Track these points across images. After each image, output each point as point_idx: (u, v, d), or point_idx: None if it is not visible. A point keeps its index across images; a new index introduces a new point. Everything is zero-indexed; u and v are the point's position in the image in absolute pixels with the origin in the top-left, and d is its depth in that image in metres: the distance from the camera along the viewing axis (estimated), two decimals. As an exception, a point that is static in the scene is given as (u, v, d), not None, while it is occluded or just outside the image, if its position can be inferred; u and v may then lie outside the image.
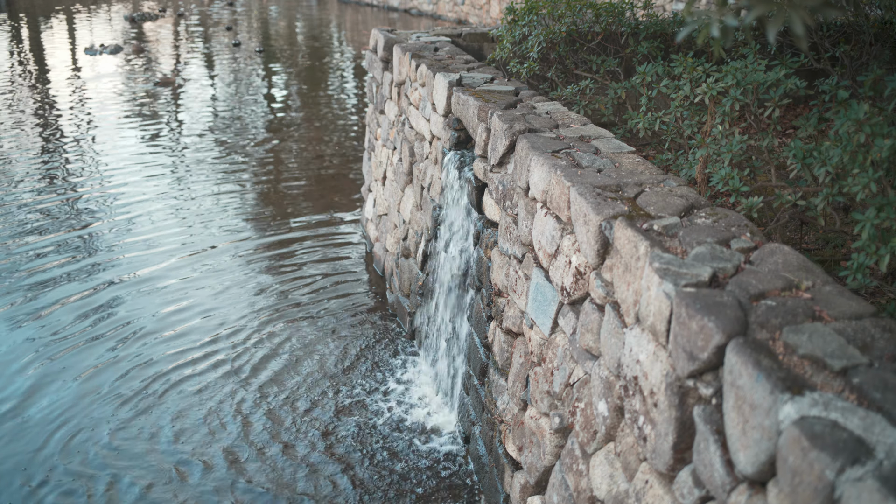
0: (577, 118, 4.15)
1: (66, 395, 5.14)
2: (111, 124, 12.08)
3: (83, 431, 4.80)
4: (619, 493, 2.70)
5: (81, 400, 5.10)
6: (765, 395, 1.81)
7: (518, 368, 3.89)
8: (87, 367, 5.46)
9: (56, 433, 4.77)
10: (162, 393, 5.22)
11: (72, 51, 19.10)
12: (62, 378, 5.32)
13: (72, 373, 5.39)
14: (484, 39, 6.70)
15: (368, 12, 28.21)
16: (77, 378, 5.33)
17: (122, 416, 4.97)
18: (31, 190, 9.03)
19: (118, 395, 5.17)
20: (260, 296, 6.61)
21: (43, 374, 5.36)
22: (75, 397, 5.13)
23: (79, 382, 5.28)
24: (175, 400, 5.15)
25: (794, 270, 2.29)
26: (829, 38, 4.69)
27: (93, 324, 6.03)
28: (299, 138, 11.70)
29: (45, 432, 4.78)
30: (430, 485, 4.41)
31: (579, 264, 3.11)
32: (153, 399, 5.15)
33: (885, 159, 2.44)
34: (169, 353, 5.69)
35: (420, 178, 5.70)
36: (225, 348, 5.79)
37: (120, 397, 5.16)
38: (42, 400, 5.09)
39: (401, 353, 5.76)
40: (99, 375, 5.38)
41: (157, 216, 8.31)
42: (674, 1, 14.37)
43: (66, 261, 7.10)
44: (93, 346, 5.74)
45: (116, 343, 5.79)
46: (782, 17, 1.61)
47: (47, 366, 5.47)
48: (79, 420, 4.90)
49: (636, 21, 5.19)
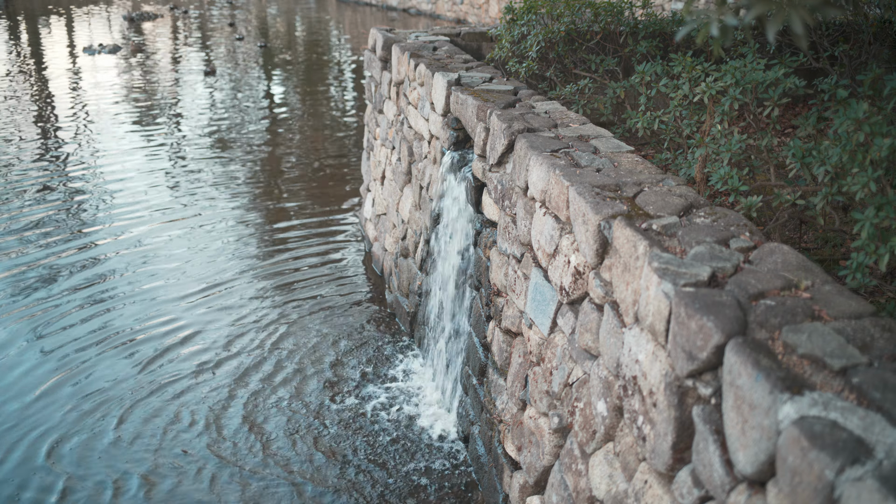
0: (575, 117, 4.15)
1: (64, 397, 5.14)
2: (111, 123, 12.07)
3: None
4: (619, 493, 2.70)
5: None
6: (764, 394, 1.81)
7: (517, 368, 3.88)
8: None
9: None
10: (152, 392, 5.22)
11: (70, 50, 19.08)
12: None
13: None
14: (483, 39, 6.69)
15: (367, 12, 28.20)
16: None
17: (124, 415, 4.97)
18: (30, 188, 9.02)
19: (106, 399, 5.17)
20: (258, 294, 6.60)
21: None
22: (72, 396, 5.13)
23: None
24: (175, 399, 5.15)
25: (794, 270, 2.29)
26: (828, 38, 4.69)
27: (91, 326, 6.03)
28: (298, 137, 11.69)
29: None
30: (428, 485, 4.40)
31: (578, 264, 3.10)
32: (151, 399, 5.15)
33: (885, 158, 2.44)
34: (168, 361, 5.69)
35: (419, 178, 5.69)
36: (224, 348, 5.78)
37: (121, 401, 5.15)
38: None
39: (399, 353, 5.76)
40: (103, 374, 5.38)
41: (155, 215, 8.29)
42: (672, 0, 14.37)
43: (61, 253, 7.10)
44: (94, 347, 5.74)
45: (117, 341, 5.79)
46: (782, 16, 1.61)
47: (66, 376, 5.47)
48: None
49: (635, 20, 5.18)
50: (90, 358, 5.58)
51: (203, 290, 6.65)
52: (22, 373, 5.38)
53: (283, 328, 6.08)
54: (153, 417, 4.97)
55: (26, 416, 4.94)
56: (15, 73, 15.97)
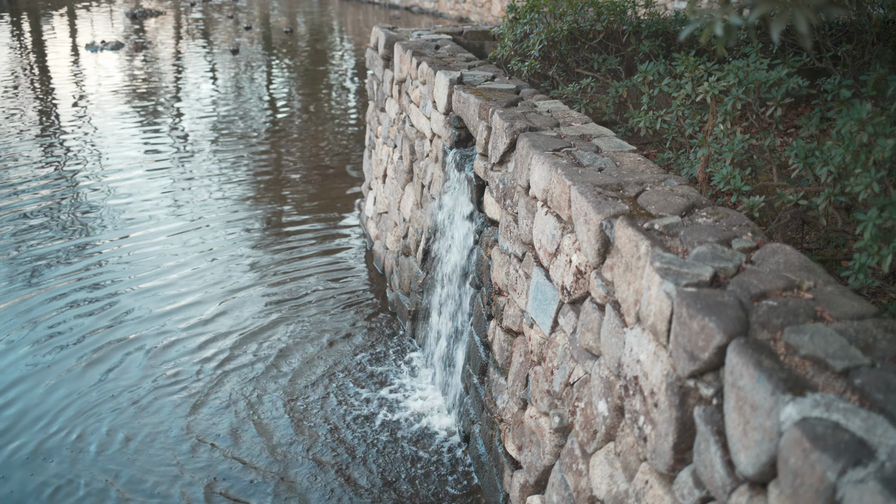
0: (578, 117, 4.14)
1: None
2: (112, 120, 12.07)
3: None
4: (619, 494, 2.69)
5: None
6: (766, 395, 1.81)
7: (518, 367, 3.88)
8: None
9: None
10: (153, 390, 5.22)
11: (73, 47, 19.08)
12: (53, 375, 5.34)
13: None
14: (485, 37, 6.68)
15: (370, 10, 28.18)
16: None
17: (127, 414, 4.98)
18: (32, 186, 9.02)
19: (118, 400, 5.18)
20: (259, 295, 6.60)
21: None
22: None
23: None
24: (178, 393, 5.15)
25: (796, 270, 2.28)
26: (831, 38, 4.68)
27: (91, 320, 6.04)
28: (300, 135, 11.69)
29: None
30: (428, 484, 4.40)
31: (580, 263, 3.10)
32: (151, 397, 5.16)
33: (888, 159, 2.43)
34: (169, 355, 5.69)
35: (420, 177, 5.69)
36: (223, 347, 5.78)
37: (119, 402, 5.16)
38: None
39: (400, 351, 5.75)
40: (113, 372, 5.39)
41: (156, 213, 8.29)
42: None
43: (62, 248, 7.11)
44: (89, 345, 5.74)
45: (114, 340, 5.79)
46: (786, 16, 1.60)
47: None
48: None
49: (638, 19, 5.18)
50: (85, 354, 5.59)
51: (203, 289, 6.65)
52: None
53: (282, 325, 6.07)
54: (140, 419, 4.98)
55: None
56: (18, 70, 15.98)
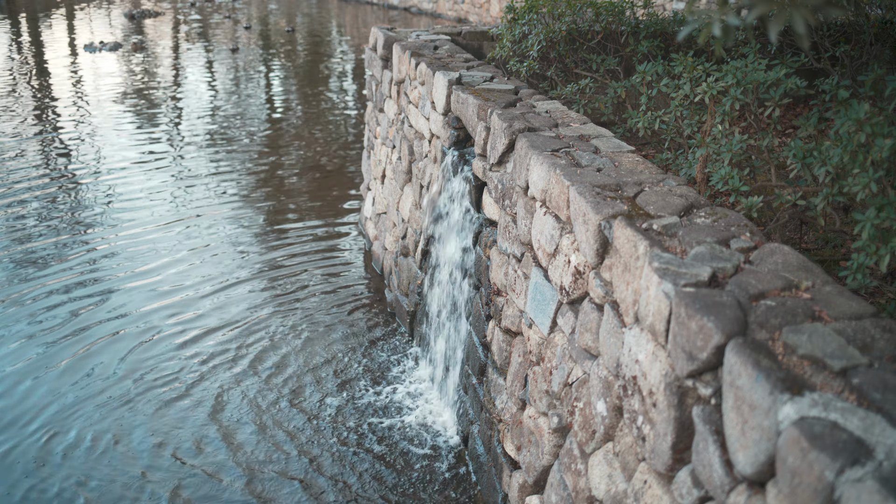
0: (576, 117, 4.14)
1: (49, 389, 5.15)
2: (111, 120, 12.06)
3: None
4: (618, 493, 2.70)
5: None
6: (764, 395, 1.81)
7: (517, 368, 3.88)
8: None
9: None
10: (146, 391, 5.22)
11: (71, 48, 19.07)
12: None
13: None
14: (484, 38, 6.69)
15: (368, 10, 28.18)
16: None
17: (124, 415, 4.97)
18: (29, 185, 9.02)
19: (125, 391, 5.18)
20: (257, 293, 6.60)
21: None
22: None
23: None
24: (168, 393, 5.15)
25: (794, 270, 2.29)
26: (829, 38, 4.68)
27: (85, 319, 6.03)
28: (298, 135, 11.68)
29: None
30: (427, 484, 4.40)
31: (578, 263, 3.10)
32: (149, 397, 5.15)
33: (886, 159, 2.43)
34: (163, 351, 5.68)
35: (419, 177, 5.69)
36: (222, 346, 5.78)
37: (105, 398, 5.16)
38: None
39: (399, 352, 5.75)
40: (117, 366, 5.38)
41: (155, 211, 8.29)
42: (674, 0, 14.36)
43: (60, 244, 7.10)
44: (84, 343, 5.74)
45: (115, 338, 5.79)
46: (784, 16, 1.60)
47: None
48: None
49: (636, 20, 5.18)
50: (82, 351, 5.59)
51: (202, 288, 6.64)
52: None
53: (281, 326, 6.07)
54: (143, 417, 4.98)
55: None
56: (16, 70, 15.96)
